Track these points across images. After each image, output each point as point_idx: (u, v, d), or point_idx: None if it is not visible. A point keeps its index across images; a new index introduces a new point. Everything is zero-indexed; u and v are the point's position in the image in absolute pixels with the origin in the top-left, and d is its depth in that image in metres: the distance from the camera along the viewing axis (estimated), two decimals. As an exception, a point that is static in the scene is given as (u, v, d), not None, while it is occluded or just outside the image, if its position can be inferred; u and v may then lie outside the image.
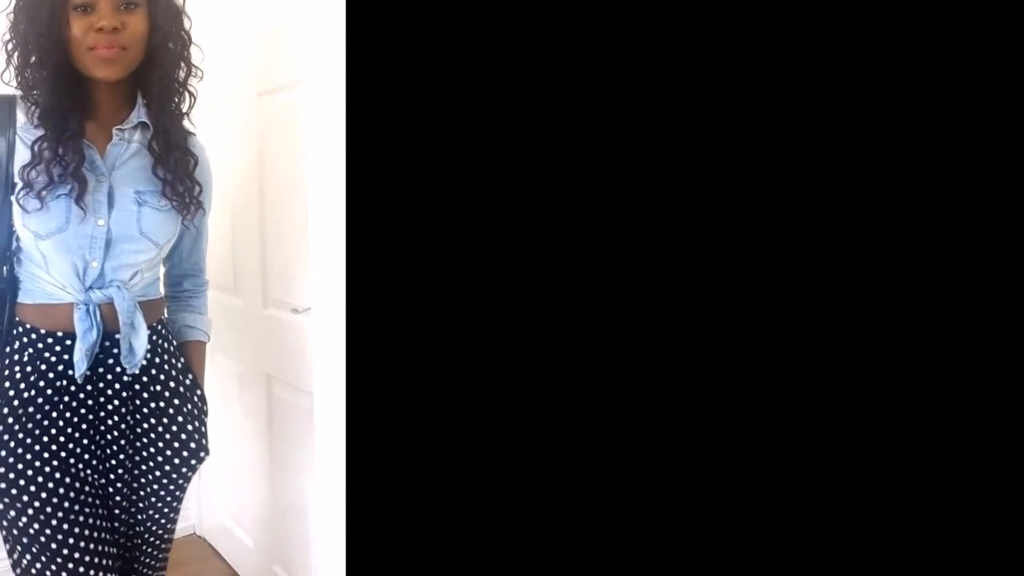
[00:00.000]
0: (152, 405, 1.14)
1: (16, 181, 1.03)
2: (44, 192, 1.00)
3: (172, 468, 1.16)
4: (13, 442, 1.05)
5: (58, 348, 1.07)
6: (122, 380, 1.11)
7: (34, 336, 1.08)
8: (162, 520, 1.22)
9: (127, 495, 1.16)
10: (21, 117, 1.05)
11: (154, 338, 1.14)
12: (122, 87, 1.08)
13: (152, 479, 1.16)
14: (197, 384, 1.24)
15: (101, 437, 1.11)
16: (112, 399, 1.11)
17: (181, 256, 1.26)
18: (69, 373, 1.07)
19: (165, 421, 1.15)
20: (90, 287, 1.07)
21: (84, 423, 1.09)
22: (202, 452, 1.20)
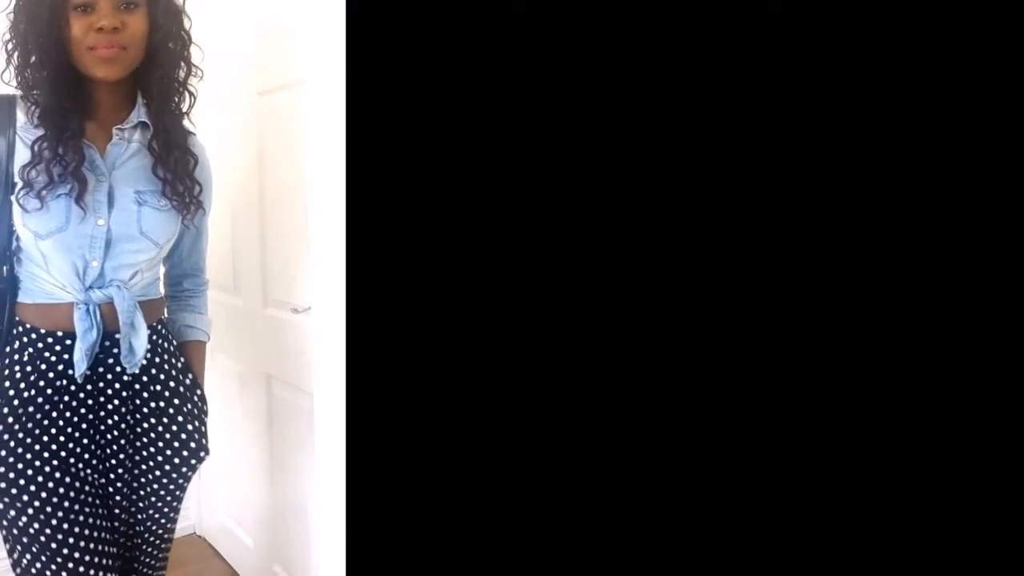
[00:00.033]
0: (152, 405, 1.14)
1: (16, 181, 1.02)
2: (44, 192, 1.00)
3: (172, 468, 1.16)
4: (13, 442, 1.05)
5: (58, 348, 1.07)
6: (122, 380, 1.11)
7: (34, 336, 1.07)
8: (162, 520, 1.22)
9: (127, 495, 1.16)
10: (21, 117, 1.05)
11: (154, 338, 1.14)
12: (122, 87, 1.07)
13: (152, 479, 1.16)
14: (197, 384, 1.24)
15: (101, 437, 1.11)
16: (112, 399, 1.11)
17: (181, 256, 1.26)
18: (69, 373, 1.07)
19: (165, 421, 1.15)
20: (90, 287, 1.07)
21: (84, 423, 1.09)
22: (202, 452, 1.20)
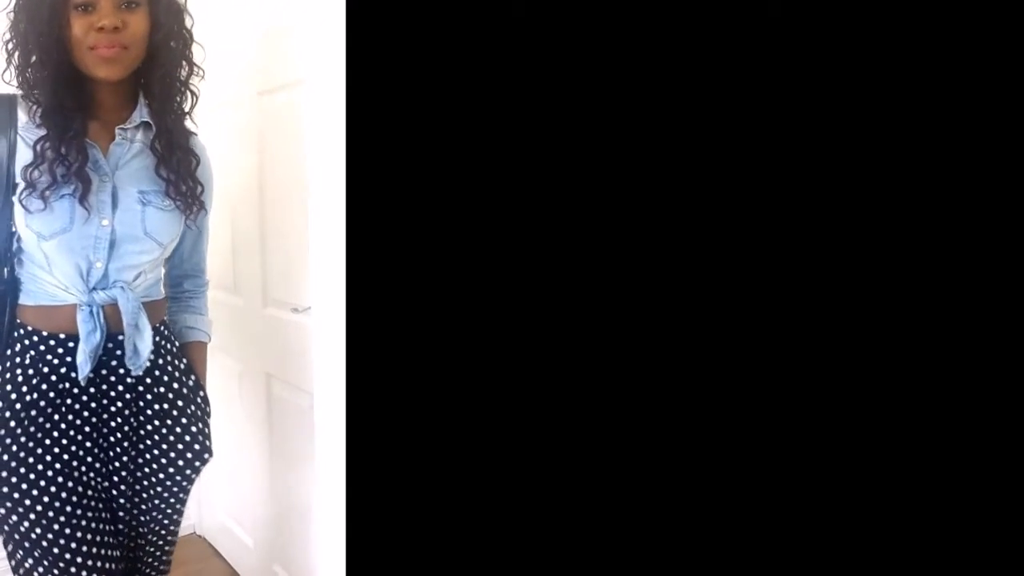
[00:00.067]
0: (156, 407, 1.13)
1: (18, 181, 1.02)
2: (47, 192, 0.99)
3: (176, 470, 1.15)
4: (15, 446, 1.04)
5: (60, 350, 1.06)
6: (125, 382, 1.10)
7: (36, 339, 1.06)
8: (166, 522, 1.21)
9: (130, 497, 1.15)
10: (23, 116, 1.04)
11: (157, 339, 1.13)
12: (124, 86, 1.07)
13: (156, 481, 1.15)
14: (200, 385, 1.23)
15: (104, 440, 1.10)
16: (115, 401, 1.10)
17: (182, 256, 1.25)
18: (72, 375, 1.06)
19: (169, 423, 1.14)
20: (94, 288, 1.06)
21: (87, 426, 1.08)
22: (206, 454, 1.19)
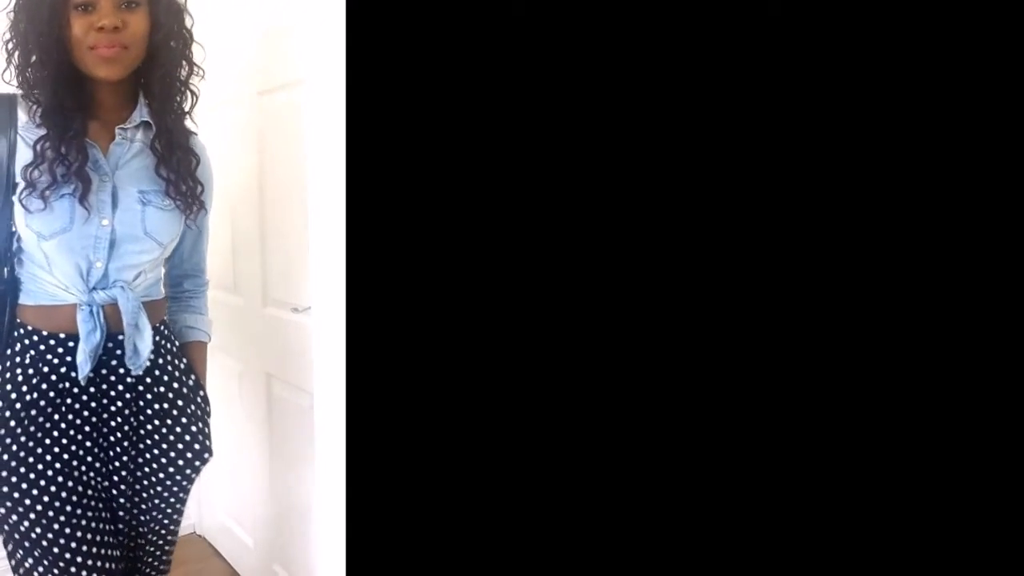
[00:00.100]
0: (156, 407, 1.13)
1: (18, 181, 1.02)
2: (47, 192, 0.99)
3: (176, 470, 1.15)
4: (15, 446, 1.04)
5: (60, 350, 1.06)
6: (125, 382, 1.10)
7: (36, 338, 1.06)
8: (166, 521, 1.21)
9: (130, 497, 1.15)
10: (23, 116, 1.04)
11: (157, 339, 1.13)
12: (124, 86, 1.07)
13: (156, 481, 1.15)
14: (200, 385, 1.23)
15: (104, 440, 1.10)
16: (115, 401, 1.10)
17: (182, 256, 1.25)
18: (72, 375, 1.06)
19: (169, 423, 1.14)
20: (94, 288, 1.06)
21: (87, 426, 1.08)
22: (206, 454, 1.19)
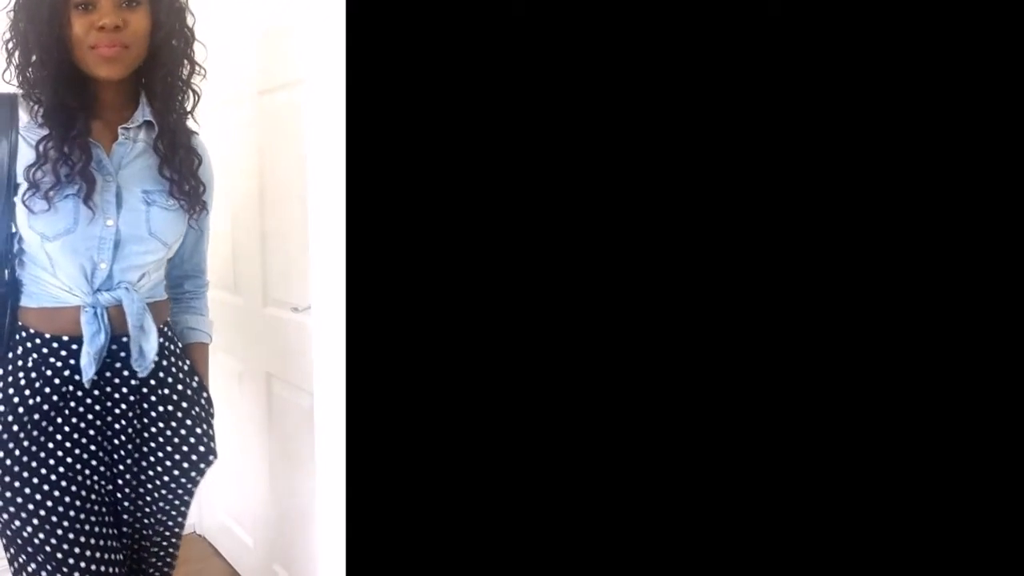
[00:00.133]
0: (160, 409, 1.12)
1: (19, 182, 1.01)
2: (51, 192, 0.98)
3: (181, 473, 1.15)
4: (18, 450, 1.03)
5: (63, 353, 1.05)
6: (130, 384, 1.09)
7: (38, 341, 1.05)
8: (170, 523, 1.21)
9: (134, 500, 1.14)
10: (24, 116, 1.03)
11: (161, 340, 1.12)
12: (125, 85, 1.06)
13: (160, 484, 1.14)
14: (203, 386, 1.22)
15: (108, 442, 1.10)
16: (119, 403, 1.09)
17: (183, 257, 1.24)
18: (76, 378, 1.05)
19: (174, 425, 1.13)
20: (98, 289, 1.05)
21: (91, 428, 1.08)
22: (211, 456, 1.18)
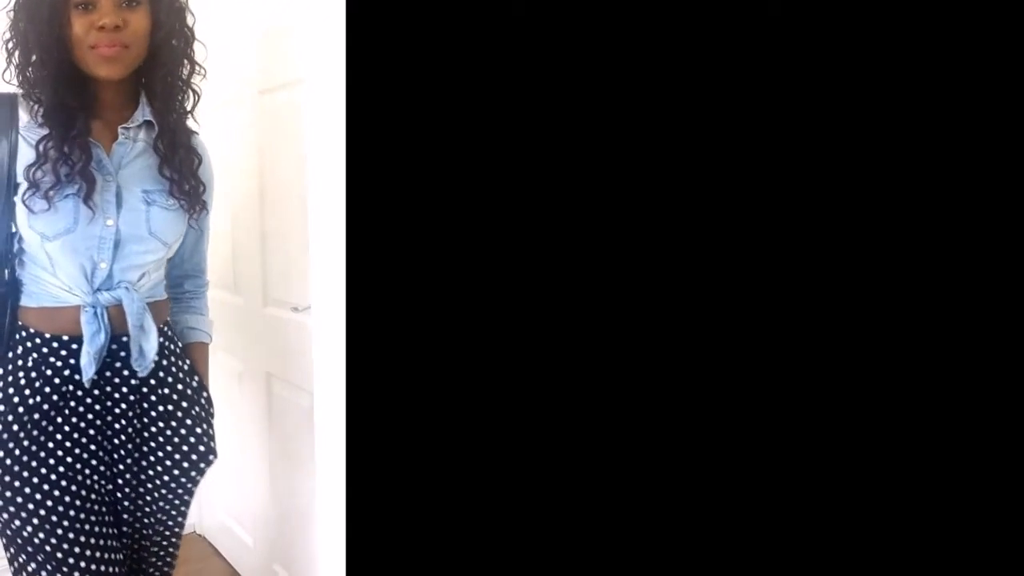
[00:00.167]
0: (160, 408, 1.12)
1: (19, 181, 1.01)
2: (51, 192, 0.98)
3: (181, 472, 1.14)
4: (18, 450, 1.03)
5: (63, 352, 1.05)
6: (130, 384, 1.09)
7: (38, 341, 1.05)
8: (170, 523, 1.21)
9: (134, 500, 1.14)
10: (24, 116, 1.03)
11: (161, 340, 1.12)
12: (125, 85, 1.06)
13: (160, 484, 1.14)
14: (203, 386, 1.22)
15: (108, 442, 1.10)
16: (119, 403, 1.09)
17: (183, 257, 1.24)
18: (76, 378, 1.05)
19: (174, 424, 1.13)
20: (98, 289, 1.05)
21: (91, 428, 1.07)
22: (211, 455, 1.18)
